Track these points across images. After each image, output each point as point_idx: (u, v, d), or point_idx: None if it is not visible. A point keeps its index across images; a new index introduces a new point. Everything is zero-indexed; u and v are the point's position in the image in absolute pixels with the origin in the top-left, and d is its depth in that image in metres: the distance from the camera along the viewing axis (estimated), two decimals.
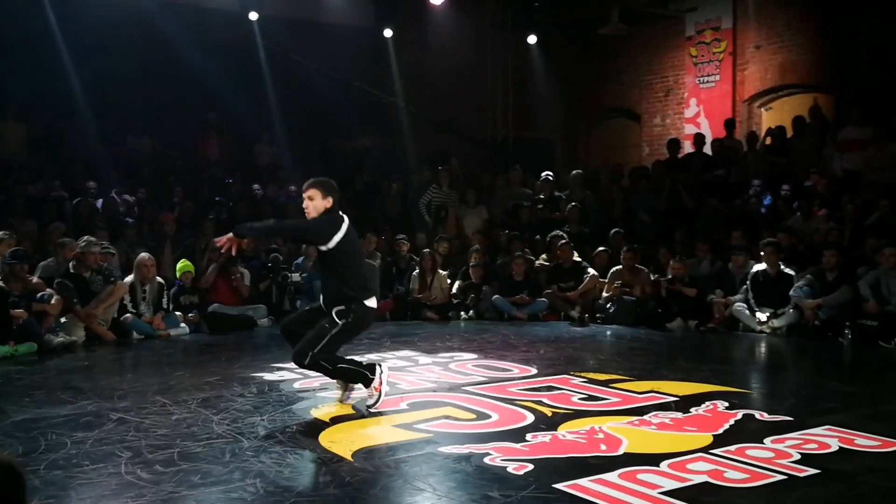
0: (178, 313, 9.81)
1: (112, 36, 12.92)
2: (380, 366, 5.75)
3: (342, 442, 4.89)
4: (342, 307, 5.59)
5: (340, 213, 5.78)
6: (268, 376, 6.95)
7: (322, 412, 5.65)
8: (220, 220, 12.60)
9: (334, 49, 14.49)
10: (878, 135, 11.30)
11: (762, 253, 9.72)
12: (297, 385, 6.57)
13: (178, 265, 10.35)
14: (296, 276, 10.92)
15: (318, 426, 5.27)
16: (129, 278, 9.50)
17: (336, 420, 5.43)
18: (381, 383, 5.64)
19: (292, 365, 7.28)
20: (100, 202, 12.27)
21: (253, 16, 13.61)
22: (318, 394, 6.24)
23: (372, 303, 5.78)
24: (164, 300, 9.64)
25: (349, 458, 4.60)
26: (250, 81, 14.19)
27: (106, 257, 9.59)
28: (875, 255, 9.19)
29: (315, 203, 5.74)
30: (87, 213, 11.70)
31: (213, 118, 14.85)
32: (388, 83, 15.25)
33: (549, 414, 5.60)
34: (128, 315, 9.28)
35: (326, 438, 4.98)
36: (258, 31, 13.97)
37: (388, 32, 14.42)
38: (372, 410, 5.60)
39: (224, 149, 15.15)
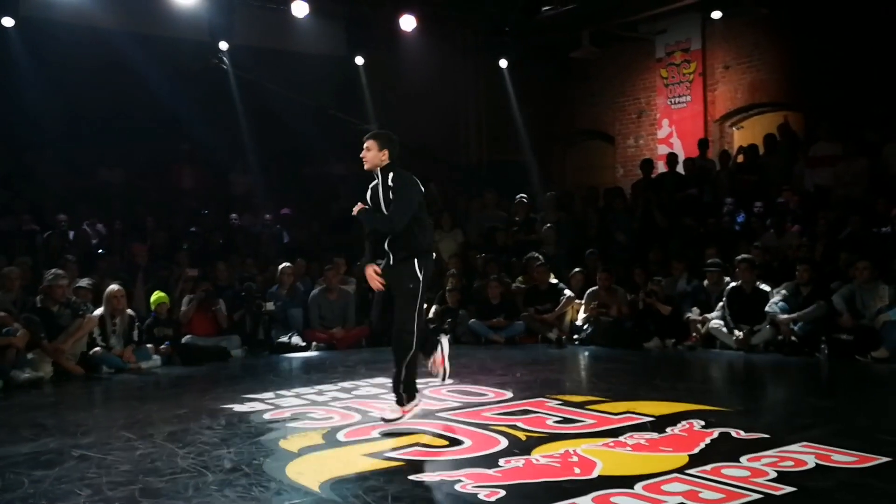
0: (149, 345, 9.65)
1: (83, 68, 12.83)
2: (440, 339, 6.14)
3: (310, 473, 4.77)
4: (411, 273, 5.77)
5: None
6: (238, 407, 6.81)
7: (291, 443, 5.52)
8: (195, 251, 12.51)
9: (306, 77, 14.46)
10: (847, 150, 11.38)
11: (737, 270, 9.74)
12: (266, 416, 6.44)
13: (153, 297, 10.21)
14: (270, 305, 10.80)
15: (285, 457, 5.15)
16: (99, 311, 9.34)
17: (305, 451, 5.31)
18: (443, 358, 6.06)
19: (263, 395, 7.28)
20: (71, 234, 12.12)
21: (223, 45, 13.56)
22: (288, 424, 6.12)
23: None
24: (136, 332, 9.48)
25: (316, 489, 4.48)
26: (223, 111, 14.11)
27: (85, 293, 9.43)
28: (849, 269, 9.22)
29: (371, 154, 5.96)
30: (57, 246, 11.54)
31: (187, 148, 14.75)
32: (361, 110, 15.22)
33: (524, 438, 5.51)
34: (97, 349, 9.11)
35: (294, 470, 4.86)
36: (229, 61, 13.92)
37: (359, 60, 14.41)
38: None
39: (198, 179, 15.05)
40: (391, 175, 5.95)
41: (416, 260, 5.82)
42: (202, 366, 9.59)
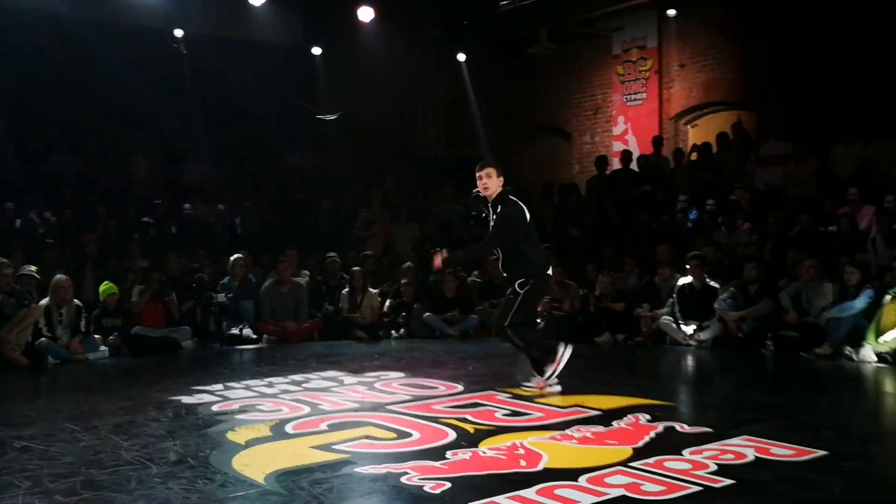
0: (97, 336, 9.51)
1: (33, 54, 12.57)
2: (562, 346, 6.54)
3: (256, 465, 4.74)
4: (523, 279, 6.24)
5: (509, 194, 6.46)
6: (186, 399, 6.74)
7: (238, 435, 5.47)
8: (146, 241, 12.35)
9: (264, 66, 14.34)
10: (797, 150, 11.60)
11: (688, 266, 9.86)
12: (215, 408, 6.38)
13: (102, 287, 10.06)
14: (221, 297, 10.68)
15: (232, 449, 5.11)
16: (45, 301, 9.17)
17: (252, 443, 5.28)
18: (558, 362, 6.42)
19: (212, 387, 7.22)
20: (18, 223, 11.88)
21: (178, 32, 13.39)
22: (236, 416, 6.07)
23: (549, 272, 6.59)
24: (83, 323, 9.33)
25: (262, 481, 4.45)
26: (178, 99, 13.94)
27: (29, 280, 9.26)
28: (796, 267, 9.39)
29: (492, 181, 6.39)
30: (3, 235, 11.30)
31: (140, 137, 14.55)
32: (318, 101, 15.15)
33: (472, 431, 5.53)
34: (42, 339, 8.95)
35: (240, 462, 4.82)
36: (185, 49, 13.75)
37: (316, 50, 14.33)
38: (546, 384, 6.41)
39: (151, 168, 14.85)
40: (500, 204, 6.45)
41: (526, 278, 6.35)
42: (151, 357, 9.46)
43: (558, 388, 6.70)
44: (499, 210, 6.47)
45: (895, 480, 4.61)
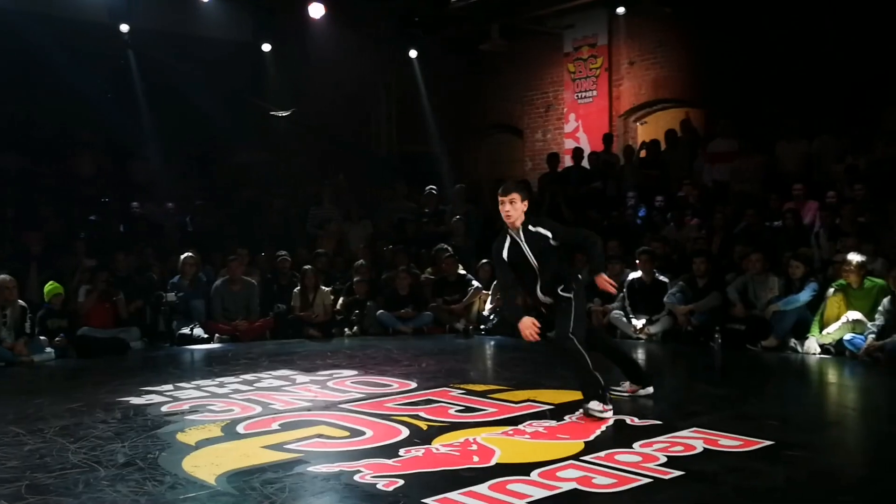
0: (42, 338, 9.30)
1: None
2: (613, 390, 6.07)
3: (206, 466, 4.69)
4: (563, 284, 5.79)
5: None
6: (135, 400, 6.64)
7: (188, 436, 5.41)
8: (93, 240, 12.12)
9: (213, 63, 14.14)
10: (743, 147, 11.80)
11: (637, 261, 9.99)
12: (164, 409, 6.31)
13: (47, 287, 9.85)
14: (171, 296, 10.53)
15: (182, 451, 5.05)
16: None
17: (202, 444, 5.22)
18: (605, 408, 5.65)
19: (162, 387, 7.13)
20: None
21: (124, 27, 13.14)
22: (187, 417, 6.00)
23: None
24: (28, 324, 9.12)
25: (212, 482, 4.41)
26: (125, 96, 13.68)
27: None
28: (742, 261, 9.57)
29: (517, 206, 5.80)
30: None
31: (87, 134, 14.25)
32: (269, 98, 15.00)
33: (425, 428, 5.55)
34: None
35: (190, 463, 4.77)
36: (132, 44, 13.50)
37: (266, 47, 14.18)
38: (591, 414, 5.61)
39: (98, 166, 14.55)
40: (531, 225, 5.85)
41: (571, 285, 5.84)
42: (99, 358, 9.31)
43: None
44: (533, 228, 5.81)
45: (836, 469, 4.73)
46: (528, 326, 5.74)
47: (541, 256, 5.82)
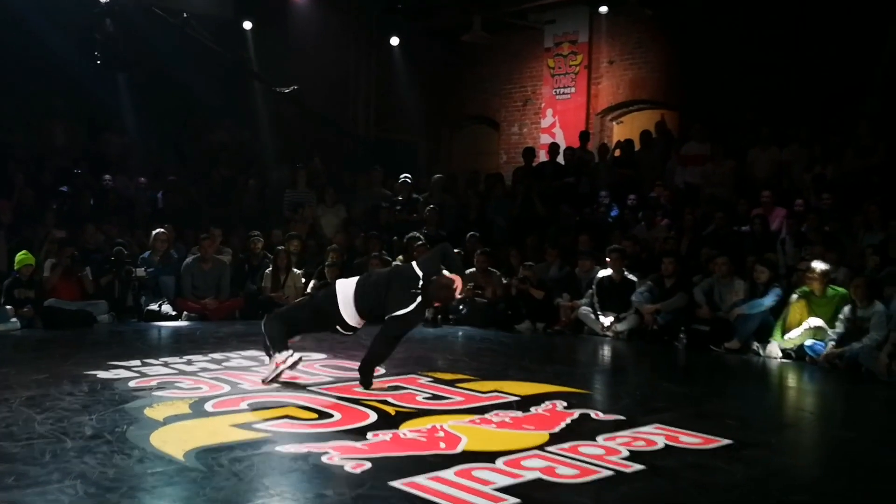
0: (8, 307, 9.22)
1: None
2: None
3: (175, 442, 4.72)
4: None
5: None
6: (102, 374, 6.63)
7: (156, 412, 5.43)
8: (63, 211, 12.01)
9: (193, 39, 13.98)
10: (716, 151, 11.96)
11: (607, 259, 10.10)
12: (132, 384, 6.30)
13: (18, 257, 9.75)
14: (140, 271, 10.47)
15: (150, 425, 5.07)
16: None
17: (170, 420, 5.24)
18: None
19: (129, 362, 7.11)
20: None
21: None
22: (154, 393, 6.01)
23: None
24: None
25: (181, 457, 4.44)
26: (101, 67, 13.49)
27: None
28: (709, 264, 9.72)
29: None
30: None
31: (60, 104, 14.08)
32: (248, 77, 14.89)
33: (393, 413, 5.61)
34: None
35: (158, 438, 4.80)
36: (110, 15, 13.31)
37: (247, 25, 14.09)
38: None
39: (70, 137, 14.40)
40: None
41: None
42: (66, 330, 9.24)
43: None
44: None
45: (792, 469, 4.87)
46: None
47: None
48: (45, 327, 9.37)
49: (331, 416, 5.49)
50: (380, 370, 7.15)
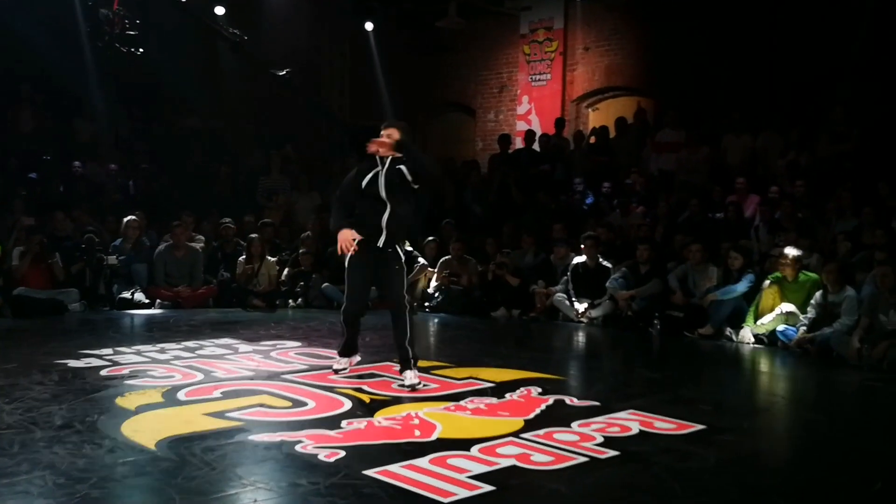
0: None
1: None
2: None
3: (146, 431, 4.67)
4: (400, 241, 6.11)
5: None
6: (73, 363, 6.55)
7: (128, 401, 5.37)
8: (32, 198, 11.82)
9: (160, 23, 13.78)
10: (690, 138, 12.01)
11: (582, 246, 10.12)
12: (103, 373, 6.23)
13: None
14: (112, 259, 10.35)
15: (121, 415, 5.01)
16: None
17: (142, 409, 5.18)
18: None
19: (101, 351, 7.02)
20: None
21: None
22: (126, 382, 5.94)
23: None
24: None
25: (152, 447, 4.39)
26: (70, 52, 13.28)
27: None
28: (683, 250, 9.77)
29: (393, 138, 6.01)
30: None
31: (27, 89, 13.85)
32: (217, 61, 14.72)
33: (367, 401, 5.59)
34: None
35: (130, 427, 4.74)
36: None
37: (219, 10, 13.90)
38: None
39: (38, 123, 14.17)
40: (399, 164, 6.00)
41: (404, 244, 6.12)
42: (35, 319, 9.12)
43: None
44: (401, 169, 6.02)
45: (764, 453, 4.91)
46: (346, 239, 6.06)
47: (393, 193, 6.00)
48: (14, 316, 9.24)
49: (305, 404, 5.46)
50: (356, 358, 7.13)
